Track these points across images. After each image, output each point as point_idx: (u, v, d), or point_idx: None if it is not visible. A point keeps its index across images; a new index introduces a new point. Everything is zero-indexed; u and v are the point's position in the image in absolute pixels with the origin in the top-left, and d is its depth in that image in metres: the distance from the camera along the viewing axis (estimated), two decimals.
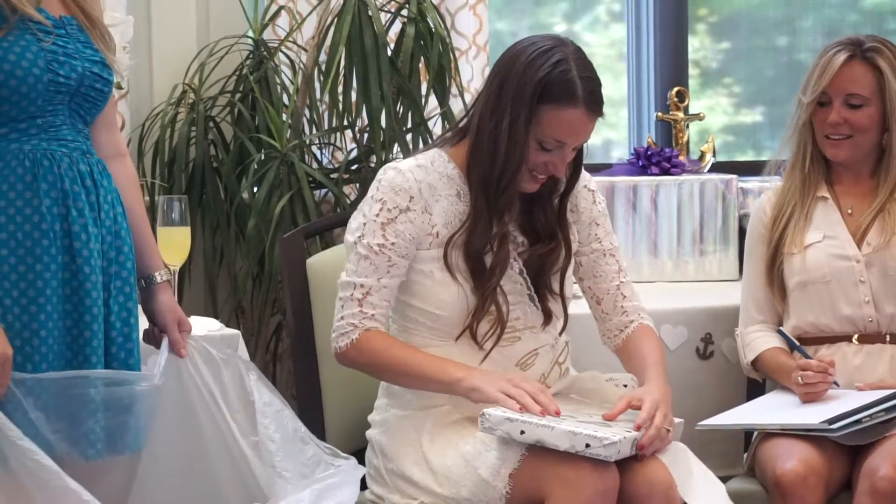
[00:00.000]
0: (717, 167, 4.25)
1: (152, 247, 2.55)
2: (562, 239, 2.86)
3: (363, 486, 2.77)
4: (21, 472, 2.21)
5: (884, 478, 2.86)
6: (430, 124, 3.91)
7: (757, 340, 3.23)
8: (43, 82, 2.32)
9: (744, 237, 3.39)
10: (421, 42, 3.84)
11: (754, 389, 3.39)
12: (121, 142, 2.55)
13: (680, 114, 4.25)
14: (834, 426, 2.90)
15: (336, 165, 3.93)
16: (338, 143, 3.97)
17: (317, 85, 3.87)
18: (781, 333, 3.19)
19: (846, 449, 2.98)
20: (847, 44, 3.22)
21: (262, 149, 3.79)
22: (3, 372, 2.24)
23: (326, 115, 3.92)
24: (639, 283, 3.13)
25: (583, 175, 2.90)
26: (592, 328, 2.98)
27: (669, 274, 4.00)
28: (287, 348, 3.87)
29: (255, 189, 3.77)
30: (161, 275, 2.52)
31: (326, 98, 3.84)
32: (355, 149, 3.94)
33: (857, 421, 2.91)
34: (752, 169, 4.25)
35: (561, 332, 2.89)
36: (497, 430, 2.60)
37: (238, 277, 3.83)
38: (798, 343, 3.16)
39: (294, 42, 3.94)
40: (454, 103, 3.93)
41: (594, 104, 2.73)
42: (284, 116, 3.82)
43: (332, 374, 3.11)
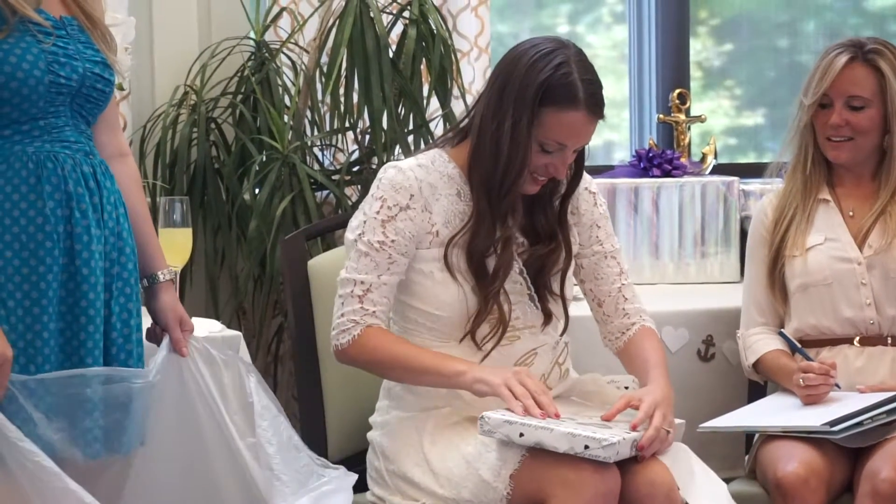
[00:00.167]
0: (719, 169, 4.25)
1: (155, 246, 2.54)
2: (562, 240, 2.86)
3: (360, 490, 2.77)
4: (21, 474, 2.21)
5: (885, 480, 2.86)
6: (432, 126, 3.91)
7: (758, 343, 3.23)
8: (44, 84, 2.32)
9: (745, 239, 3.39)
10: (422, 44, 3.84)
11: (755, 392, 3.39)
12: (123, 142, 2.55)
13: (681, 116, 4.25)
14: (835, 428, 2.89)
15: (337, 167, 3.93)
16: (339, 145, 3.97)
17: (318, 86, 3.87)
18: (783, 336, 3.19)
19: (847, 451, 2.98)
20: (848, 45, 3.22)
21: (264, 150, 3.79)
22: (3, 373, 2.23)
23: (328, 117, 3.92)
24: (640, 285, 3.13)
25: (584, 177, 2.90)
26: (593, 330, 2.98)
27: (671, 276, 4.00)
28: (288, 350, 3.87)
29: (257, 190, 3.77)
30: (164, 274, 2.52)
31: (328, 99, 3.84)
32: (357, 150, 3.94)
33: (859, 423, 2.91)
34: (754, 171, 4.24)
35: (562, 334, 2.89)
36: (496, 433, 2.60)
37: (239, 279, 3.83)
38: (799, 345, 3.16)
39: (296, 43, 3.94)
40: (456, 105, 3.92)
41: (595, 106, 2.73)
42: (286, 118, 3.82)
43: (334, 376, 3.11)
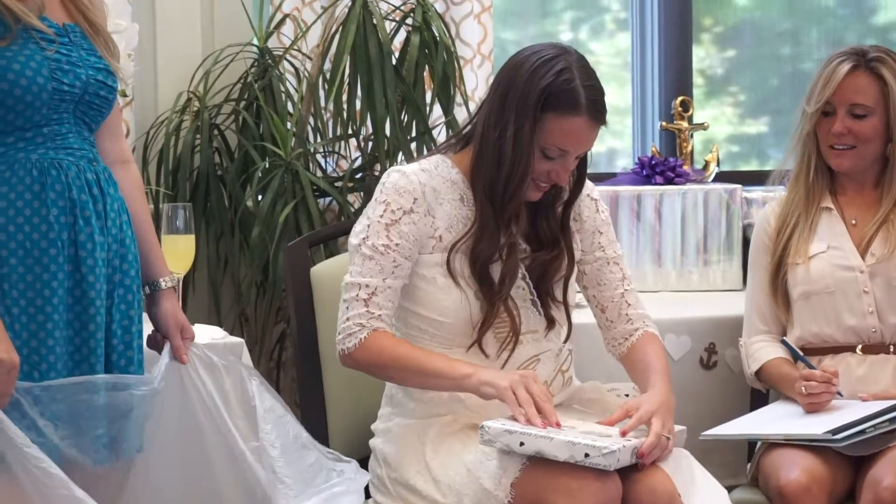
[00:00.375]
0: (722, 177, 4.25)
1: (157, 253, 2.54)
2: (564, 247, 2.86)
3: (367, 495, 2.77)
4: (26, 479, 2.20)
5: (888, 488, 2.86)
6: (435, 133, 3.91)
7: (760, 351, 3.23)
8: (47, 91, 2.32)
9: (748, 247, 3.39)
10: (425, 51, 3.84)
11: (758, 400, 3.38)
12: (126, 149, 2.55)
13: (684, 123, 4.25)
14: (838, 436, 2.89)
15: (340, 174, 3.94)
16: (342, 152, 3.97)
17: (321, 93, 3.87)
18: (785, 344, 3.19)
19: (850, 459, 2.98)
20: (851, 54, 3.22)
21: (267, 157, 3.79)
22: (9, 380, 2.23)
23: (331, 124, 3.92)
24: (642, 293, 3.12)
25: (586, 184, 2.91)
26: (596, 337, 2.98)
27: (673, 283, 4.00)
28: (291, 356, 3.87)
29: (260, 197, 3.78)
30: (165, 281, 2.52)
31: (331, 106, 3.84)
32: (360, 157, 3.94)
33: (861, 431, 2.91)
34: (757, 179, 4.24)
35: (565, 341, 2.89)
36: (496, 443, 2.60)
37: (242, 285, 3.83)
38: (802, 353, 3.16)
39: (299, 50, 3.94)
40: (459, 112, 3.93)
41: (597, 112, 2.74)
42: (289, 125, 3.82)
43: (336, 383, 3.11)
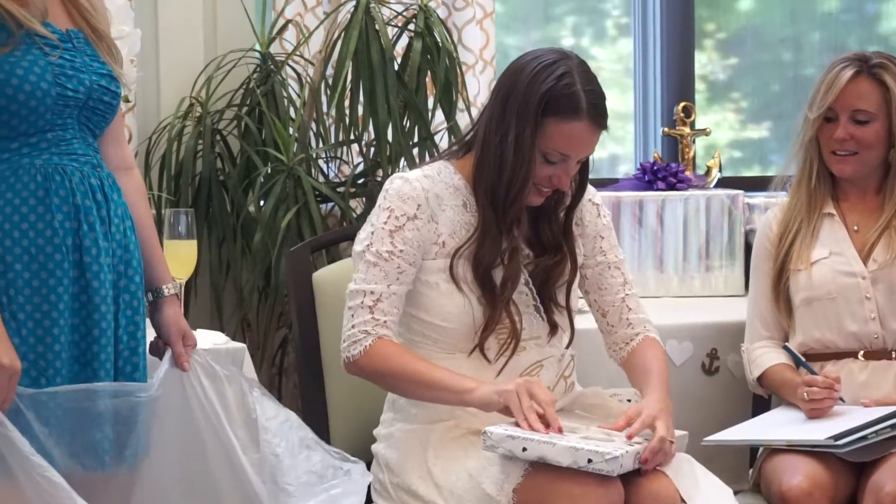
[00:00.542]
0: (724, 182, 4.25)
1: (160, 259, 2.54)
2: (567, 252, 2.86)
3: (369, 499, 2.77)
4: (29, 488, 2.20)
5: (890, 494, 2.86)
6: (437, 139, 3.91)
7: (763, 356, 3.23)
8: (51, 96, 2.32)
9: (750, 252, 3.39)
10: (428, 56, 3.84)
11: (760, 405, 3.38)
12: (129, 154, 2.55)
13: (686, 129, 4.25)
14: (840, 442, 2.89)
15: (342, 179, 3.94)
16: (344, 157, 3.97)
17: (324, 99, 3.88)
18: (787, 349, 3.19)
19: (852, 465, 2.98)
20: (854, 59, 3.22)
21: (269, 162, 3.79)
22: (10, 386, 2.23)
23: (333, 129, 3.92)
24: (644, 298, 3.13)
25: (588, 189, 2.91)
26: (598, 343, 2.98)
27: (675, 289, 4.00)
28: (293, 362, 3.87)
29: (262, 203, 3.78)
30: (168, 288, 2.52)
31: (333, 112, 3.84)
32: (362, 163, 3.94)
33: (863, 437, 2.91)
34: (759, 184, 4.25)
35: (567, 346, 2.89)
36: (499, 448, 2.60)
37: (244, 291, 3.83)
38: (804, 359, 3.16)
39: (301, 56, 3.94)
40: (461, 118, 3.93)
41: (598, 117, 2.74)
42: (291, 130, 3.82)
43: (338, 388, 3.11)
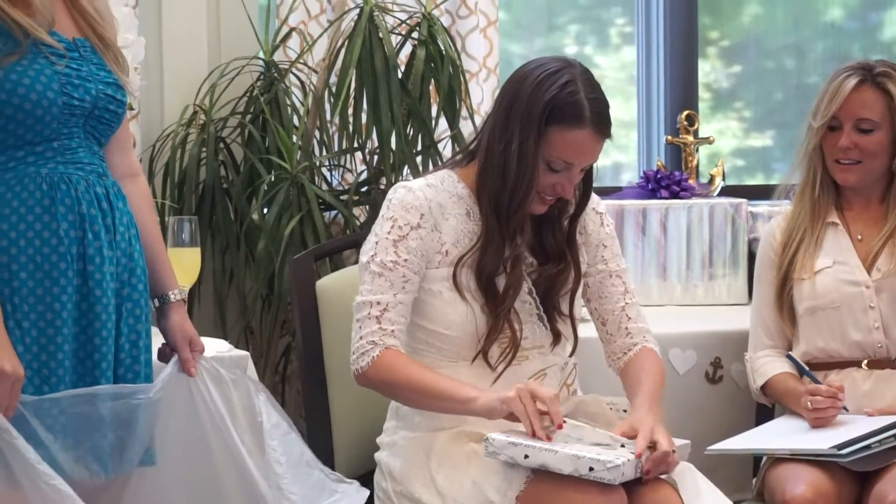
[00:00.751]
0: (727, 191, 4.25)
1: (166, 266, 2.55)
2: (571, 260, 2.86)
3: None
4: (35, 497, 2.21)
5: (893, 503, 2.85)
6: (441, 146, 3.91)
7: (766, 365, 3.23)
8: (58, 105, 2.32)
9: (753, 261, 3.39)
10: (431, 64, 3.84)
11: (763, 414, 3.38)
12: (134, 162, 2.56)
13: (690, 137, 4.25)
14: (843, 451, 2.89)
15: (346, 187, 3.94)
16: (348, 165, 3.97)
17: (327, 107, 3.87)
18: (791, 358, 3.19)
19: (855, 474, 2.97)
20: (857, 68, 3.22)
21: (273, 170, 3.79)
22: (14, 393, 2.24)
23: (337, 137, 3.92)
24: (648, 307, 3.13)
25: (592, 197, 2.91)
26: (601, 351, 2.98)
27: (678, 298, 4.00)
28: (296, 370, 3.87)
29: (265, 210, 3.78)
30: (174, 294, 2.53)
31: (337, 120, 3.85)
32: (365, 171, 3.94)
33: (867, 446, 2.91)
34: (762, 193, 4.25)
35: (571, 354, 2.89)
36: (501, 455, 2.60)
37: (247, 298, 3.83)
38: (807, 368, 3.16)
39: (305, 64, 3.94)
40: (464, 126, 3.93)
41: (602, 125, 2.74)
42: (295, 138, 3.82)
43: (341, 396, 3.11)
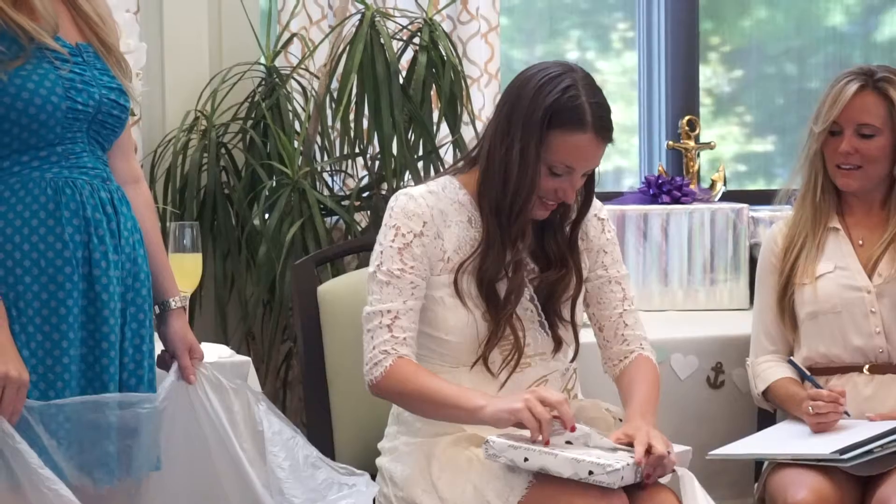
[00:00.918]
0: (728, 196, 4.25)
1: (167, 272, 2.55)
2: (573, 266, 2.86)
3: None
4: (37, 501, 2.20)
5: None
6: (442, 152, 3.91)
7: (768, 370, 3.23)
8: (61, 110, 2.33)
9: (755, 266, 3.39)
10: (433, 70, 3.84)
11: (765, 419, 3.38)
12: (137, 167, 2.56)
13: (691, 142, 4.25)
14: (845, 456, 2.89)
15: (347, 193, 3.94)
16: (349, 171, 3.97)
17: (328, 112, 3.87)
18: (792, 363, 3.19)
19: (857, 479, 2.97)
20: (859, 73, 3.22)
21: (274, 176, 3.79)
22: (19, 398, 2.24)
23: (338, 143, 3.92)
24: (649, 312, 3.13)
25: (594, 203, 2.91)
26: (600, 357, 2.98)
27: (680, 303, 4.00)
28: (297, 375, 3.87)
29: (267, 216, 3.78)
30: (175, 301, 2.53)
31: (338, 125, 3.85)
32: (367, 176, 3.94)
33: (869, 451, 2.91)
34: (763, 198, 4.25)
35: (572, 360, 2.89)
36: (501, 458, 2.60)
37: (249, 304, 3.82)
38: (809, 373, 3.16)
39: (306, 69, 3.95)
40: (466, 131, 3.93)
41: (603, 129, 2.73)
42: (296, 143, 3.82)
43: (343, 402, 3.11)
